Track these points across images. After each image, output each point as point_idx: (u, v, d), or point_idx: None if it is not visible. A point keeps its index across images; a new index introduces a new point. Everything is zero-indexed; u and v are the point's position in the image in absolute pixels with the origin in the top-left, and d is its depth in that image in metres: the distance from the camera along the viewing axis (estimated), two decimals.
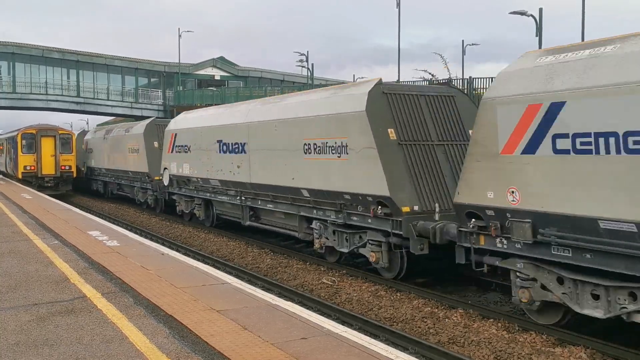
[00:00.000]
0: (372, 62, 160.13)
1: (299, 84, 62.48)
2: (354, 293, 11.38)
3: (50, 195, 27.70)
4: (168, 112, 57.34)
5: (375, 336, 8.45)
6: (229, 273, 12.14)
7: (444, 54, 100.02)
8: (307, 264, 14.17)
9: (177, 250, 15.06)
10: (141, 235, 16.54)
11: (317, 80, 59.26)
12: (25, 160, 33.07)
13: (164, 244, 16.66)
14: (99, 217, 21.01)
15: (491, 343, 8.40)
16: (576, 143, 7.63)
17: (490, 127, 8.83)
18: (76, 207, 23.74)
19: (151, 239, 16.89)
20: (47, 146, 33.12)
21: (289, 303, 7.96)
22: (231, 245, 17.12)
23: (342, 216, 12.63)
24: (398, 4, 43.52)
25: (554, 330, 8.69)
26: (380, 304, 10.59)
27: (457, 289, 11.46)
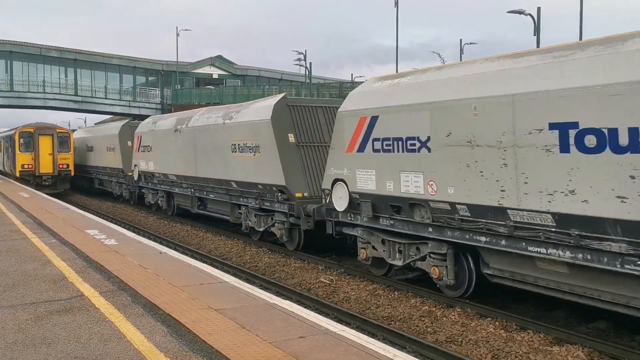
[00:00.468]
0: (371, 61, 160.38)
1: (297, 82, 62.50)
2: (352, 292, 11.39)
3: (48, 194, 27.67)
4: (166, 110, 57.31)
5: (373, 335, 8.46)
6: (226, 272, 12.15)
7: (444, 53, 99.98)
8: (305, 262, 14.18)
9: (175, 249, 15.05)
10: (139, 234, 16.53)
11: (316, 79, 59.28)
12: (23, 159, 33.03)
13: (162, 243, 16.66)
14: (97, 215, 21.00)
15: (489, 342, 8.41)
16: (383, 145, 10.88)
17: (340, 133, 12.00)
18: (74, 205, 23.74)
19: (149, 238, 16.89)
20: (45, 145, 33.08)
21: (287, 302, 7.97)
22: (229, 244, 17.13)
23: (258, 202, 16.02)
24: (396, 3, 43.55)
25: (552, 329, 8.71)
26: (378, 302, 10.60)
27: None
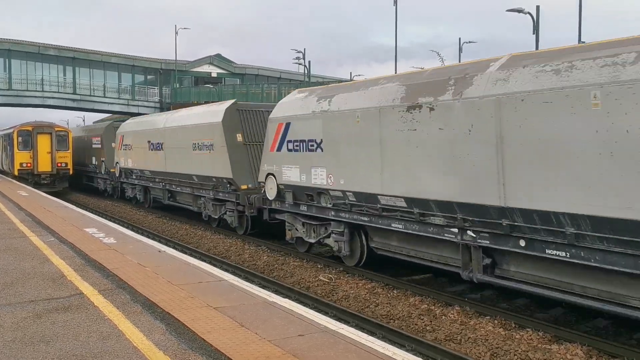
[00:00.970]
0: (371, 60, 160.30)
1: (295, 81, 62.45)
2: (351, 290, 11.39)
3: (46, 193, 27.64)
4: (165, 109, 57.29)
5: (372, 333, 8.46)
6: (225, 270, 12.14)
7: (443, 52, 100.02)
8: (304, 261, 14.18)
9: (174, 248, 15.03)
10: (138, 233, 16.51)
11: (314, 78, 59.22)
12: (21, 157, 32.98)
13: (160, 242, 16.64)
14: (95, 214, 20.98)
15: (488, 340, 8.42)
16: (294, 145, 13.68)
17: (269, 135, 14.67)
18: (73, 204, 23.71)
19: (148, 237, 16.88)
20: (43, 143, 33.05)
21: (286, 300, 7.96)
22: (228, 243, 17.12)
23: (213, 193, 18.66)
24: (395, 2, 43.53)
25: (551, 327, 8.72)
26: (377, 301, 10.60)
27: (453, 287, 11.47)
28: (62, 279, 8.89)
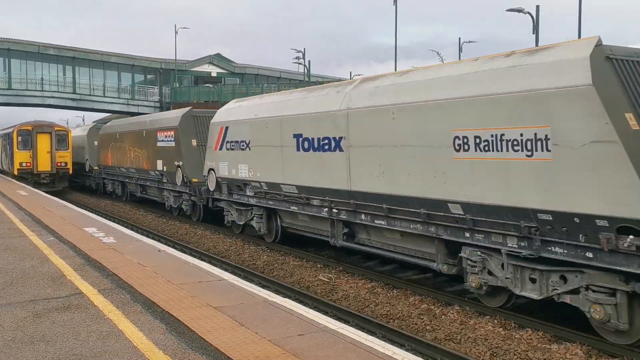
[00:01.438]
0: (371, 59, 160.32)
1: (295, 81, 62.44)
2: (351, 290, 11.39)
3: (46, 192, 27.63)
4: (165, 108, 57.25)
5: (372, 333, 8.46)
6: (225, 270, 12.14)
7: (443, 52, 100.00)
8: (304, 261, 14.18)
9: (174, 247, 15.02)
10: (138, 232, 16.51)
11: (314, 78, 59.20)
12: (21, 157, 32.97)
13: (160, 241, 16.63)
14: (95, 214, 20.98)
15: (487, 340, 8.42)
16: (230, 145, 16.53)
17: (211, 136, 17.67)
18: (72, 203, 23.71)
19: (147, 236, 16.87)
20: (43, 143, 33.03)
21: (286, 300, 7.96)
22: (227, 242, 17.11)
23: (172, 185, 21.93)
24: (395, 1, 43.53)
25: (550, 327, 8.72)
26: (377, 300, 10.60)
27: (453, 286, 11.47)
28: (61, 279, 8.89)
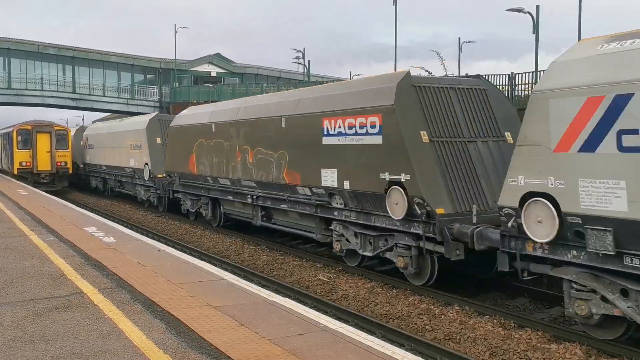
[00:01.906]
0: (371, 59, 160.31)
1: (295, 81, 62.40)
2: (350, 290, 11.40)
3: (46, 192, 27.62)
4: (164, 108, 57.24)
5: (371, 332, 8.48)
6: (225, 269, 12.15)
7: (443, 52, 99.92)
8: (304, 260, 14.19)
9: (174, 247, 15.03)
10: (137, 232, 16.51)
11: (314, 78, 59.17)
12: (21, 157, 32.95)
13: (160, 241, 16.64)
14: (95, 213, 20.98)
15: (487, 339, 8.43)
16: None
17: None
18: (72, 203, 23.71)
19: (147, 236, 16.88)
20: (43, 142, 33.02)
21: (286, 299, 7.97)
22: (227, 242, 17.12)
23: (142, 181, 25.04)
24: (395, 1, 43.55)
25: (550, 326, 8.73)
26: (377, 300, 10.61)
27: (453, 286, 11.48)
28: (61, 278, 8.90)
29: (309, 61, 54.60)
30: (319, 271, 12.98)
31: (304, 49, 54.40)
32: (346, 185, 12.05)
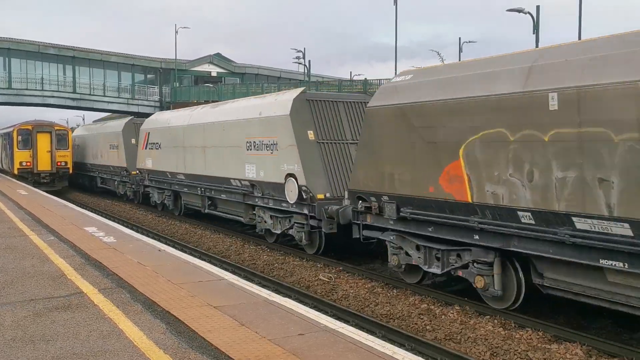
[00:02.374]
0: (372, 59, 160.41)
1: (295, 80, 62.41)
2: (351, 290, 11.39)
3: (46, 192, 27.62)
4: (165, 108, 57.23)
5: (372, 333, 8.47)
6: (225, 269, 12.14)
7: (444, 52, 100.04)
8: (304, 260, 14.18)
9: (174, 247, 15.02)
10: (138, 232, 16.51)
11: (314, 77, 59.21)
12: (21, 156, 32.94)
13: (160, 241, 16.64)
14: (95, 213, 20.98)
15: (487, 340, 8.42)
16: (152, 146, 23.17)
17: (140, 139, 23.92)
18: (72, 203, 23.71)
19: (148, 236, 16.87)
20: (43, 142, 33.01)
21: (286, 299, 7.96)
22: (227, 242, 17.12)
23: (119, 177, 28.53)
24: (395, 1, 43.53)
25: (550, 327, 8.72)
26: (377, 300, 10.60)
27: (453, 286, 11.48)
28: (62, 278, 8.89)
29: (309, 61, 54.64)
30: (319, 271, 12.98)
31: (304, 49, 54.50)
32: (261, 177, 15.24)
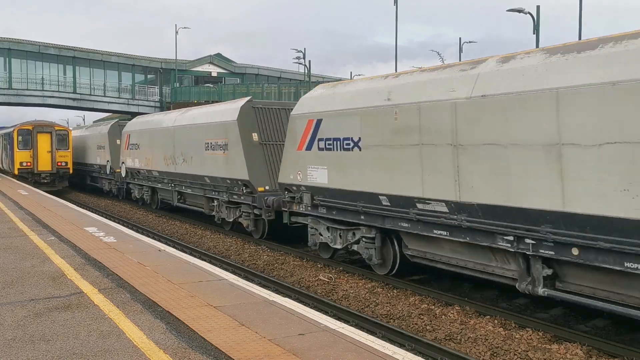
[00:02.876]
0: (374, 59, 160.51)
1: (296, 81, 62.41)
2: (351, 290, 11.39)
3: (46, 192, 27.63)
4: (165, 108, 57.23)
5: (372, 333, 8.47)
6: (225, 269, 12.15)
7: (447, 51, 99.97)
8: (304, 260, 14.18)
9: (174, 247, 15.03)
10: (138, 232, 16.51)
11: (315, 78, 59.16)
12: (22, 157, 32.96)
13: (160, 241, 16.64)
14: (95, 213, 20.99)
15: (488, 340, 8.42)
16: (132, 146, 26.15)
17: (122, 140, 27.28)
18: (73, 203, 23.71)
19: (148, 236, 16.87)
20: (43, 142, 33.02)
21: (286, 299, 7.96)
22: (228, 242, 17.12)
23: (104, 173, 31.40)
24: (395, 1, 43.53)
25: (550, 327, 8.72)
26: (377, 300, 10.60)
27: (453, 286, 11.48)
28: (62, 278, 8.89)
29: (309, 61, 54.58)
30: (319, 271, 12.98)
31: (304, 49, 54.53)
32: (216, 173, 17.77)
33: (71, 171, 33.90)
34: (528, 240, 8.36)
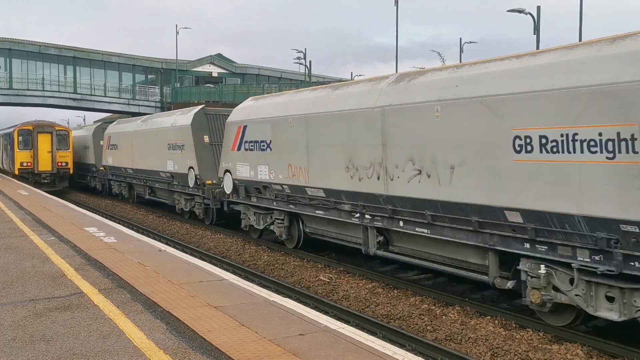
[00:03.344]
0: (375, 59, 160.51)
1: (296, 81, 62.40)
2: (351, 290, 11.38)
3: (47, 192, 27.63)
4: (165, 108, 57.19)
5: (372, 333, 8.46)
6: (226, 270, 12.14)
7: (447, 52, 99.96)
8: (305, 261, 14.17)
9: (175, 247, 15.03)
10: (138, 232, 16.51)
11: (315, 78, 59.17)
12: (22, 157, 32.96)
13: (161, 241, 16.64)
14: (96, 213, 20.98)
15: (488, 340, 8.41)
16: (113, 147, 29.55)
17: (105, 141, 30.55)
18: (73, 203, 23.71)
19: (148, 236, 16.87)
20: (44, 142, 33.03)
21: (286, 299, 7.95)
22: (228, 242, 17.12)
23: (91, 172, 34.82)
24: (396, 1, 43.53)
25: (551, 327, 8.72)
26: (377, 301, 10.60)
27: (453, 286, 11.47)
28: (62, 278, 8.89)
29: (310, 61, 54.58)
30: (320, 272, 12.97)
31: (305, 49, 54.48)
32: (176, 169, 21.05)
33: (71, 171, 33.92)
34: (367, 216, 11.67)
